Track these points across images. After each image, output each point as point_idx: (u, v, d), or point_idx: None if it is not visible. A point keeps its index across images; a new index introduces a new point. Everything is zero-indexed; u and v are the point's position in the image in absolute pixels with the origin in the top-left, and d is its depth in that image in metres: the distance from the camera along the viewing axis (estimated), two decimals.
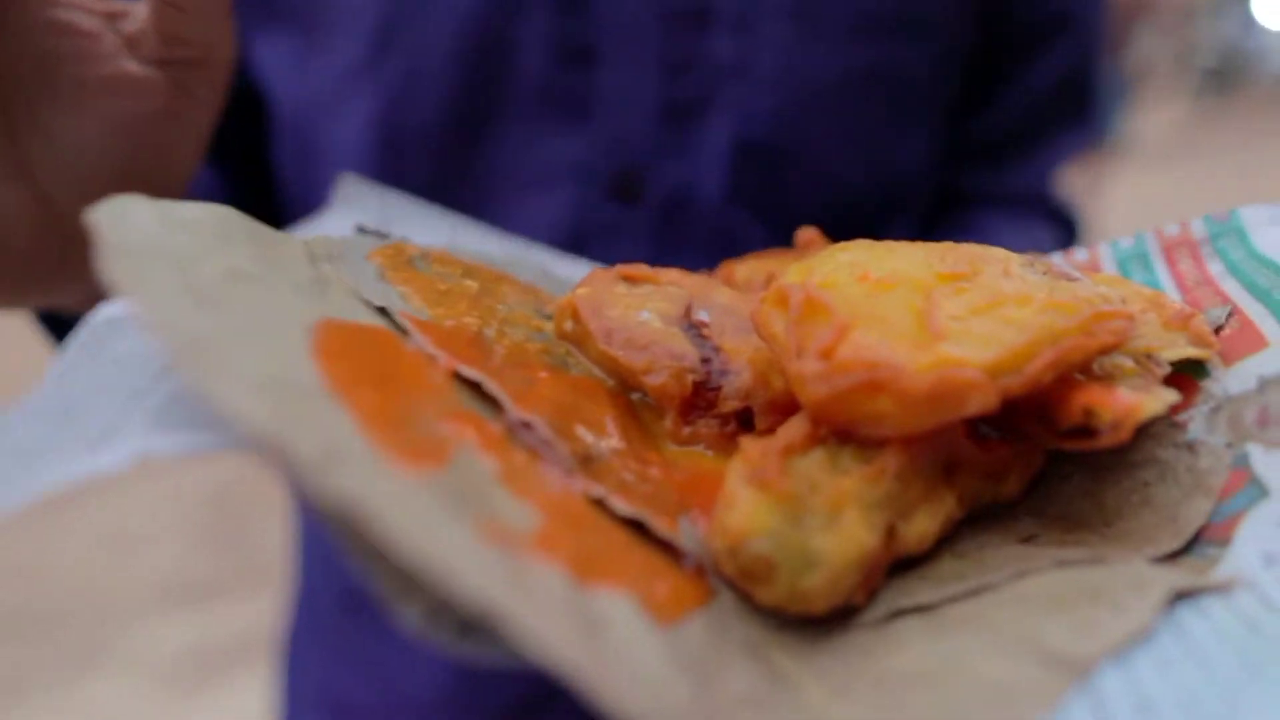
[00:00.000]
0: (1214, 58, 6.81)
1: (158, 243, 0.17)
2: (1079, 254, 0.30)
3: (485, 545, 0.15)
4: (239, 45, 0.45)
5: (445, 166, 0.42)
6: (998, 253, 0.23)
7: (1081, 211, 0.56)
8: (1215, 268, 0.26)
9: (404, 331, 0.21)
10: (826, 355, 0.18)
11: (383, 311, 0.21)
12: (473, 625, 0.15)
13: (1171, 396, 0.20)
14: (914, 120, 0.46)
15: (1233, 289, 0.25)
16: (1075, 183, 0.56)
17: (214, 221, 0.20)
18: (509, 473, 0.18)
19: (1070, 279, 0.22)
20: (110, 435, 0.16)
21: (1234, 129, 6.12)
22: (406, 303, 0.23)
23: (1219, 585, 0.17)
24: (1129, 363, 0.22)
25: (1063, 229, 0.55)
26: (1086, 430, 0.20)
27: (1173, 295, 0.26)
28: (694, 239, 0.44)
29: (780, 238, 0.44)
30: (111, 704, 1.96)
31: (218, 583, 2.31)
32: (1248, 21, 7.14)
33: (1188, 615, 0.17)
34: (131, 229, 0.17)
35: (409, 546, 0.14)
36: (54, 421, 0.17)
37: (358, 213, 0.31)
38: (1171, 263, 0.28)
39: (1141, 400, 0.19)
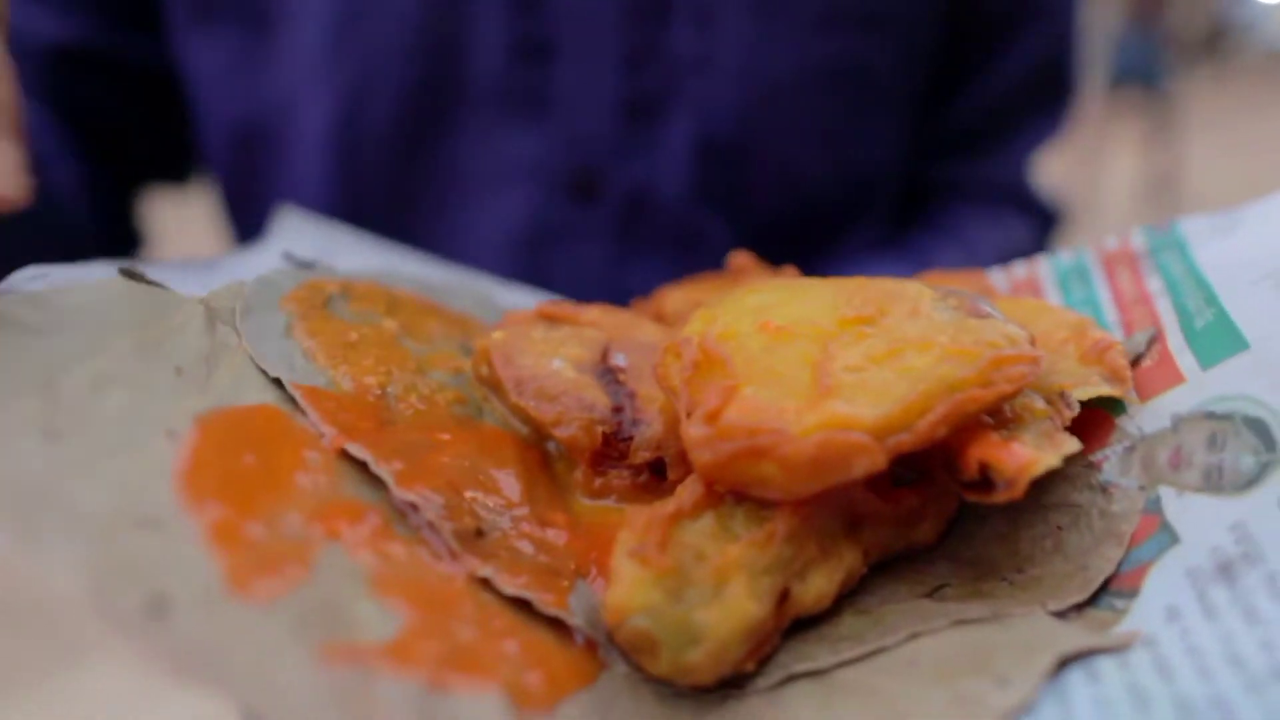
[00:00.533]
0: (1204, 30, 6.79)
1: (20, 354, 0.18)
2: (1018, 269, 0.30)
3: (325, 669, 0.15)
4: (168, 45, 0.44)
5: (403, 166, 0.42)
6: (910, 290, 0.22)
7: (1059, 200, 0.56)
8: (1154, 285, 0.25)
9: (293, 402, 0.21)
10: (712, 419, 0.18)
11: (277, 383, 0.21)
12: None
13: (1072, 446, 0.20)
14: (878, 115, 0.46)
15: (1164, 309, 0.24)
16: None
17: (101, 306, 0.20)
18: (381, 571, 0.18)
19: (980, 316, 0.21)
20: None
21: (1223, 101, 6.10)
22: (309, 360, 0.22)
23: (1114, 645, 0.17)
24: (1040, 403, 0.21)
25: (1038, 219, 0.54)
26: (985, 483, 0.19)
27: (1109, 312, 0.26)
28: (656, 238, 0.43)
29: (744, 235, 0.44)
30: (107, 694, 1.95)
31: None
32: None
33: (1077, 681, 0.17)
34: (5, 339, 0.18)
35: (237, 696, 0.14)
36: None
37: (292, 243, 0.30)
38: (1111, 277, 0.27)
39: (1038, 455, 0.19)
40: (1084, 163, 3.17)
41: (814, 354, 0.19)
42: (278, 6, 0.41)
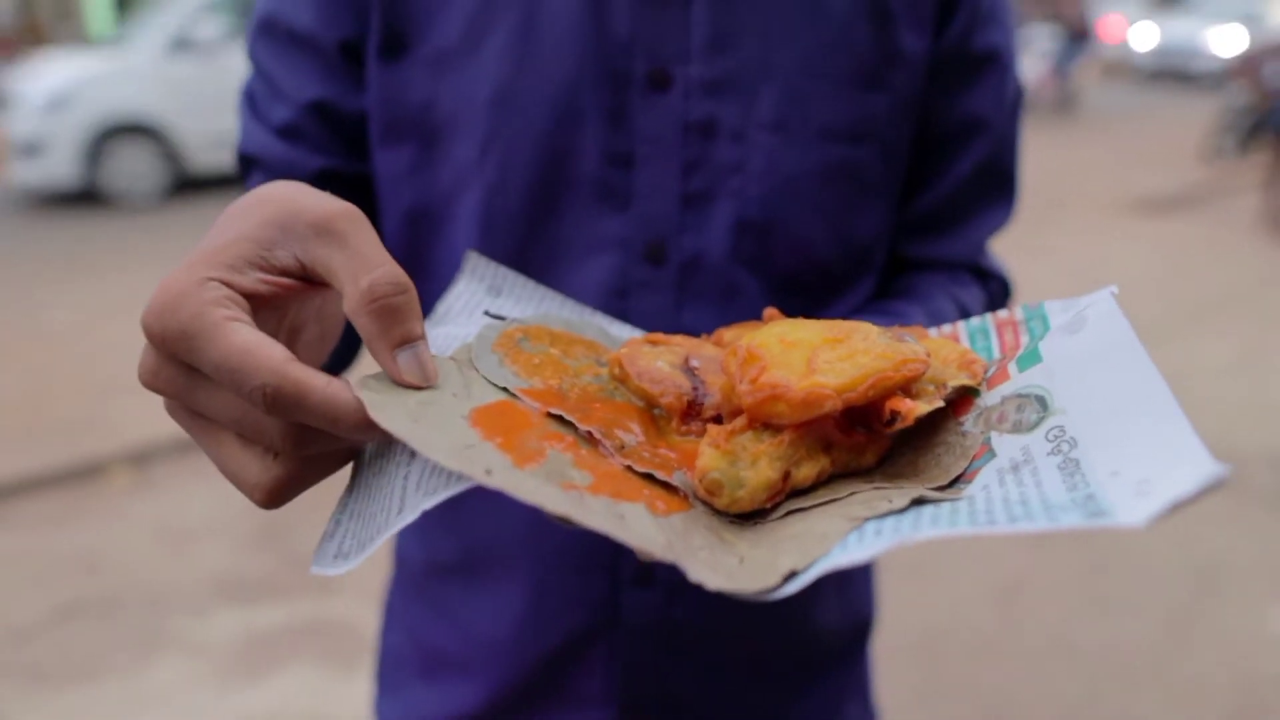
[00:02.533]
0: (1243, 110, 6.83)
1: (386, 397, 0.35)
2: (946, 328, 0.47)
3: (564, 491, 0.32)
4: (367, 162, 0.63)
5: (527, 238, 0.60)
6: (865, 326, 0.40)
7: (1008, 274, 0.72)
8: (1024, 339, 0.43)
9: (517, 398, 0.39)
10: (753, 381, 0.36)
11: (505, 389, 0.39)
12: (569, 521, 0.32)
13: (938, 404, 0.38)
14: (871, 202, 0.62)
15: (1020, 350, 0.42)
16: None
17: None
18: (578, 459, 0.35)
19: (901, 340, 0.39)
20: (403, 505, 0.33)
21: (1258, 178, 6.17)
22: (518, 378, 0.40)
23: (949, 497, 0.34)
24: (930, 387, 0.39)
25: (991, 288, 0.70)
26: (893, 419, 0.37)
27: (995, 354, 0.43)
28: (705, 291, 0.60)
29: (770, 289, 0.60)
30: (172, 688, 2.07)
31: (267, 578, 2.42)
32: None
33: (927, 507, 0.34)
34: (372, 394, 0.35)
35: (530, 499, 0.31)
36: (367, 498, 0.35)
37: (479, 281, 0.49)
38: (1000, 335, 0.45)
39: (919, 406, 0.37)
40: None
41: (807, 355, 0.37)
42: (446, 127, 0.59)
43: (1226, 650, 2.16)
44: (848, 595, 0.73)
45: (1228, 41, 11.02)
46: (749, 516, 0.36)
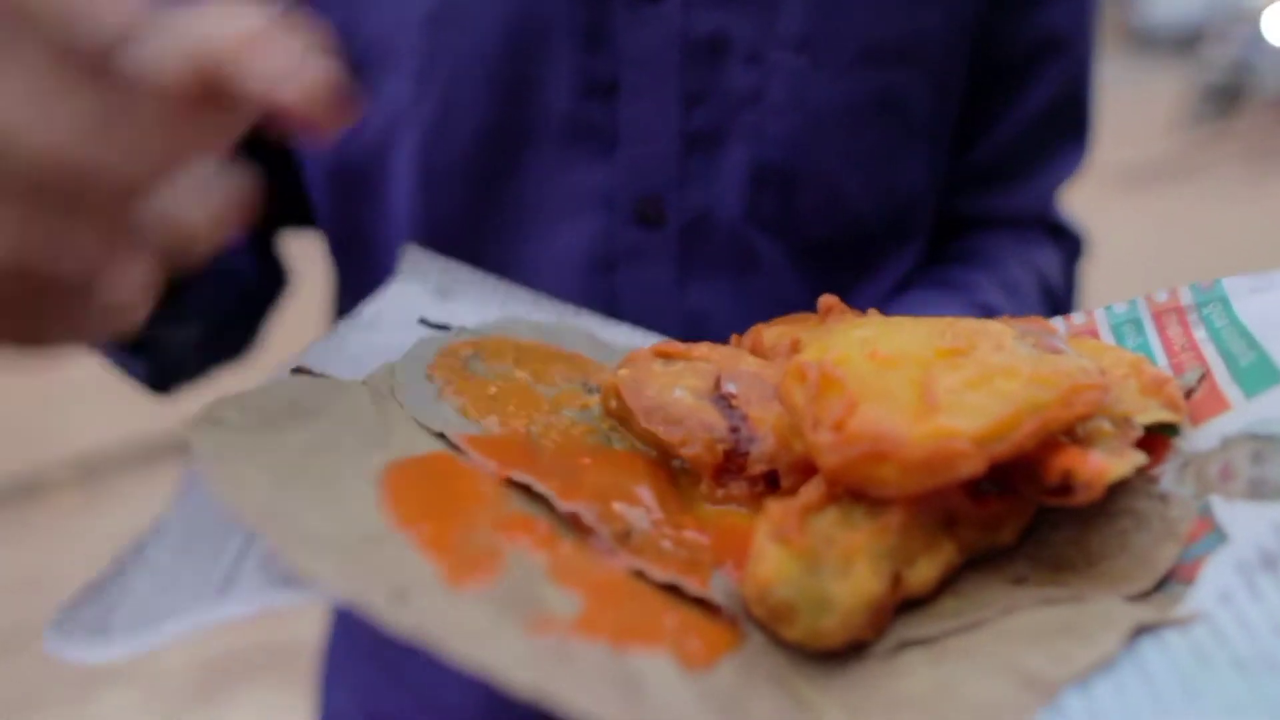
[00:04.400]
0: (1220, 74, 6.83)
1: (239, 439, 0.22)
2: (1077, 318, 0.33)
3: (534, 637, 0.19)
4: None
5: (480, 197, 0.46)
6: (993, 328, 0.26)
7: (1083, 229, 0.59)
8: (1200, 333, 0.29)
9: (459, 450, 0.25)
10: (838, 428, 0.22)
11: (441, 436, 0.25)
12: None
13: (1139, 459, 0.23)
14: (916, 144, 0.50)
15: (1210, 354, 0.28)
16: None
17: (286, 399, 0.24)
18: (556, 565, 0.21)
19: (1056, 352, 0.25)
20: (231, 584, 0.20)
21: (1239, 147, 6.17)
22: (462, 416, 0.26)
23: (1178, 620, 0.20)
24: (1107, 425, 0.25)
25: (1066, 247, 0.58)
26: (1066, 488, 0.23)
27: (1160, 358, 0.30)
28: (715, 258, 0.47)
29: (795, 255, 0.48)
30: (121, 718, 1.97)
31: None
32: (1255, 38, 7.15)
33: (1148, 646, 0.20)
34: (218, 433, 0.22)
35: (472, 658, 0.18)
36: (183, 547, 0.22)
37: (419, 283, 0.34)
38: (1161, 328, 0.31)
39: (1111, 464, 0.23)
40: None
41: (917, 378, 0.23)
42: (370, 56, 0.45)
43: None
44: None
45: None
46: (840, 654, 0.22)
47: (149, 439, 2.92)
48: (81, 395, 3.16)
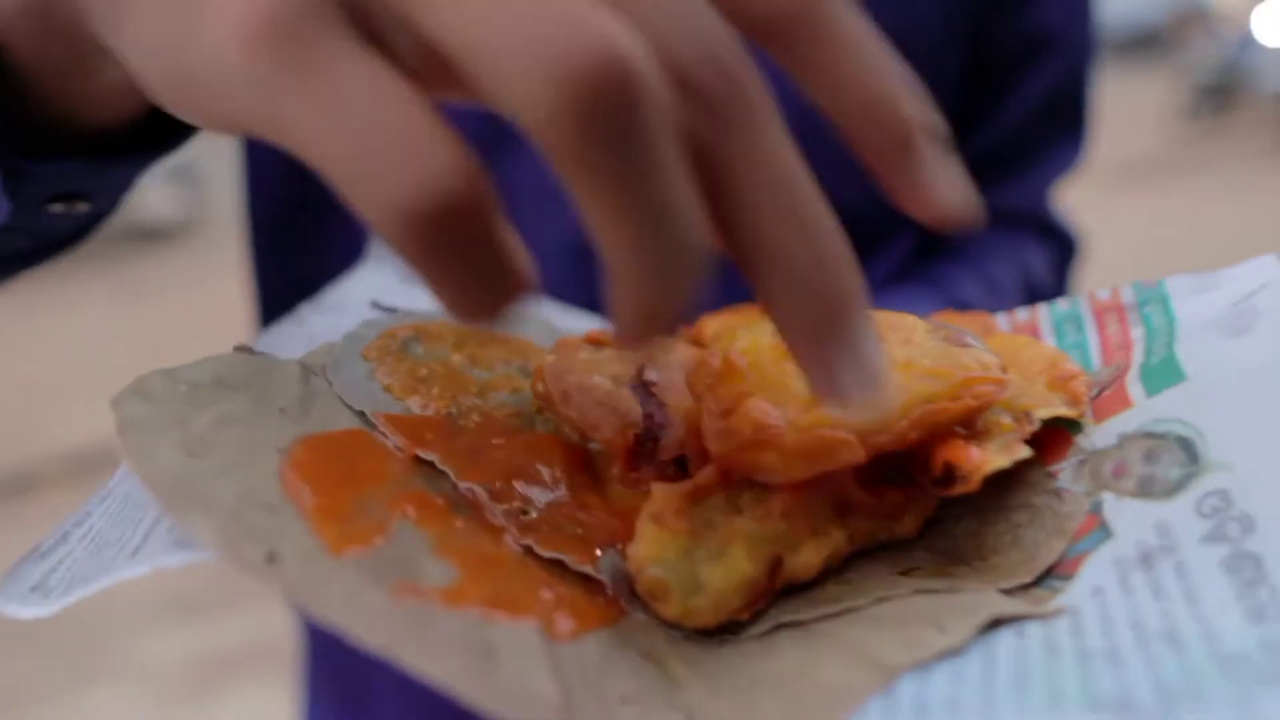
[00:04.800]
0: (1211, 75, 6.82)
1: (162, 410, 0.23)
2: (1021, 314, 0.34)
3: (396, 604, 0.19)
4: None
5: None
6: (907, 321, 0.26)
7: (1077, 228, 0.59)
8: (1136, 332, 0.29)
9: (374, 427, 0.25)
10: (726, 415, 0.22)
11: (361, 414, 0.26)
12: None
13: (1024, 453, 0.24)
14: None
15: (1138, 355, 0.28)
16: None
17: (214, 374, 0.25)
18: (442, 539, 0.22)
19: (963, 345, 0.26)
20: (141, 549, 0.21)
21: (1230, 148, 6.15)
22: (388, 395, 0.27)
23: (1042, 614, 0.21)
24: (1007, 419, 0.25)
25: (1057, 245, 0.58)
26: (949, 479, 0.23)
27: (1096, 355, 0.30)
28: None
29: None
30: (110, 714, 1.97)
31: (214, 596, 2.32)
32: (1246, 38, 7.14)
33: (1006, 637, 0.20)
34: (142, 404, 0.23)
35: (331, 619, 0.18)
36: (118, 515, 0.23)
37: (388, 269, 0.36)
38: (1101, 326, 0.31)
39: (989, 458, 0.23)
40: None
41: None
42: None
43: None
44: None
45: None
46: (715, 633, 0.22)
47: None
48: (74, 390, 3.16)
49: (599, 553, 0.23)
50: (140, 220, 5.45)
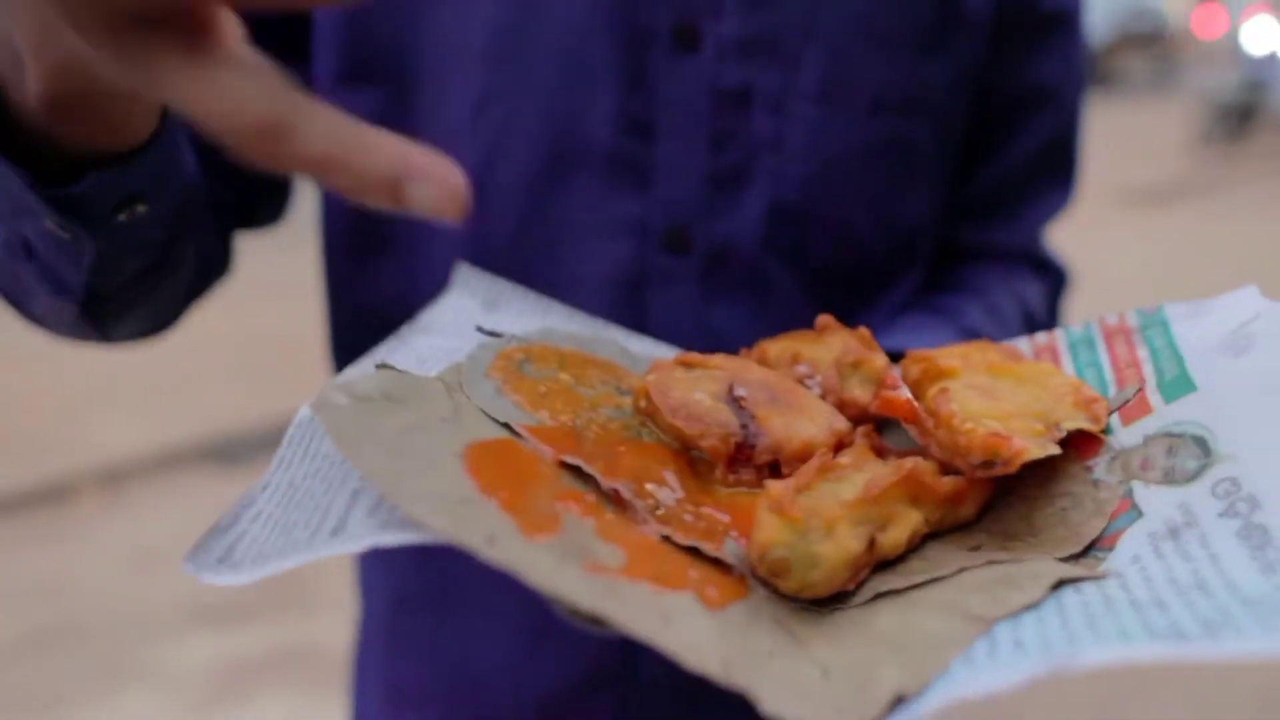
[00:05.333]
0: (1233, 94, 6.82)
1: (353, 419, 0.27)
2: (1040, 337, 0.39)
3: (592, 576, 0.24)
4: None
5: (525, 218, 0.51)
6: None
7: (1067, 265, 0.64)
8: (1141, 353, 0.35)
9: (521, 436, 0.30)
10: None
11: (505, 425, 0.31)
12: (598, 620, 0.24)
13: (1053, 450, 0.30)
14: (920, 184, 0.55)
15: (1148, 372, 0.33)
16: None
17: (380, 388, 0.30)
18: (603, 528, 0.27)
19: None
20: (342, 529, 0.25)
21: (1253, 166, 6.15)
22: (520, 410, 0.32)
23: (1094, 575, 0.26)
24: (1040, 426, 0.31)
25: (1050, 280, 0.63)
26: (990, 463, 0.29)
27: (1107, 372, 0.35)
28: (733, 283, 0.52)
29: (807, 282, 0.53)
30: (144, 716, 1.99)
31: (243, 603, 2.34)
32: (1269, 58, 7.14)
33: (1068, 594, 0.25)
34: (334, 413, 0.27)
35: (546, 586, 0.23)
36: (289, 502, 0.27)
37: (470, 296, 0.40)
38: (1110, 346, 0.36)
39: (1028, 446, 0.29)
40: None
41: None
42: (428, 75, 0.50)
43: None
44: None
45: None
46: (826, 602, 0.27)
47: (171, 446, 2.97)
48: (105, 403, 3.21)
49: (722, 542, 0.28)
50: None
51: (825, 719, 0.22)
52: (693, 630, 0.24)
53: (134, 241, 0.40)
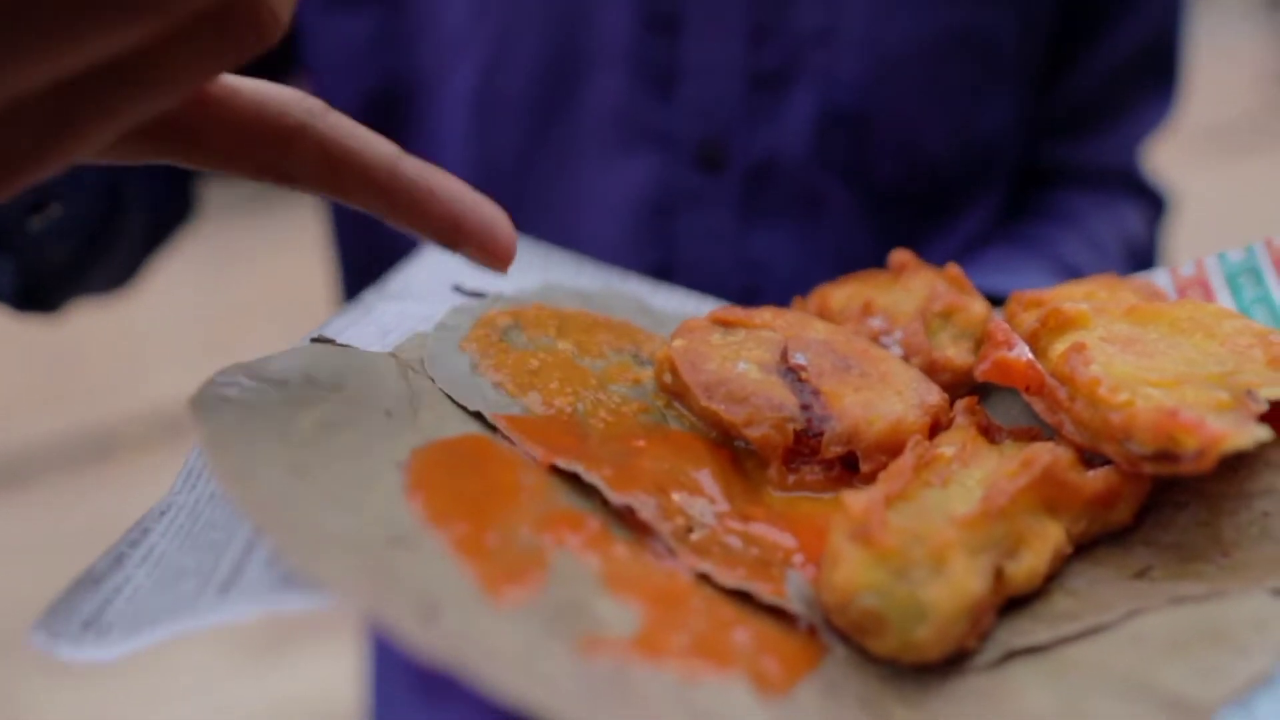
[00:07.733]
0: None
1: (252, 416, 0.19)
2: (1185, 269, 0.30)
3: (587, 662, 0.16)
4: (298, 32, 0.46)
5: (535, 132, 0.44)
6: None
7: (1168, 189, 0.55)
8: None
9: (496, 431, 0.22)
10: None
11: (478, 415, 0.23)
12: None
13: (1263, 434, 0.20)
14: (998, 87, 0.46)
15: None
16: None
17: (302, 369, 0.22)
18: (610, 571, 0.19)
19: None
20: (233, 584, 0.17)
21: None
22: (500, 392, 0.24)
23: None
24: (1223, 395, 0.21)
25: (1150, 206, 0.54)
26: (1168, 455, 0.20)
27: None
28: (778, 205, 0.45)
29: (865, 202, 0.45)
30: (192, 667, 2.02)
31: None
32: None
33: None
34: (227, 410, 0.19)
35: (513, 688, 0.15)
36: (186, 536, 0.19)
37: (457, 272, 0.32)
38: None
39: (1228, 432, 0.19)
40: None
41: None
42: None
43: None
44: None
45: None
46: (937, 667, 0.19)
47: None
48: (156, 350, 3.22)
49: (781, 577, 0.20)
50: (224, 187, 5.52)
51: None
52: None
53: (56, 238, 0.37)
